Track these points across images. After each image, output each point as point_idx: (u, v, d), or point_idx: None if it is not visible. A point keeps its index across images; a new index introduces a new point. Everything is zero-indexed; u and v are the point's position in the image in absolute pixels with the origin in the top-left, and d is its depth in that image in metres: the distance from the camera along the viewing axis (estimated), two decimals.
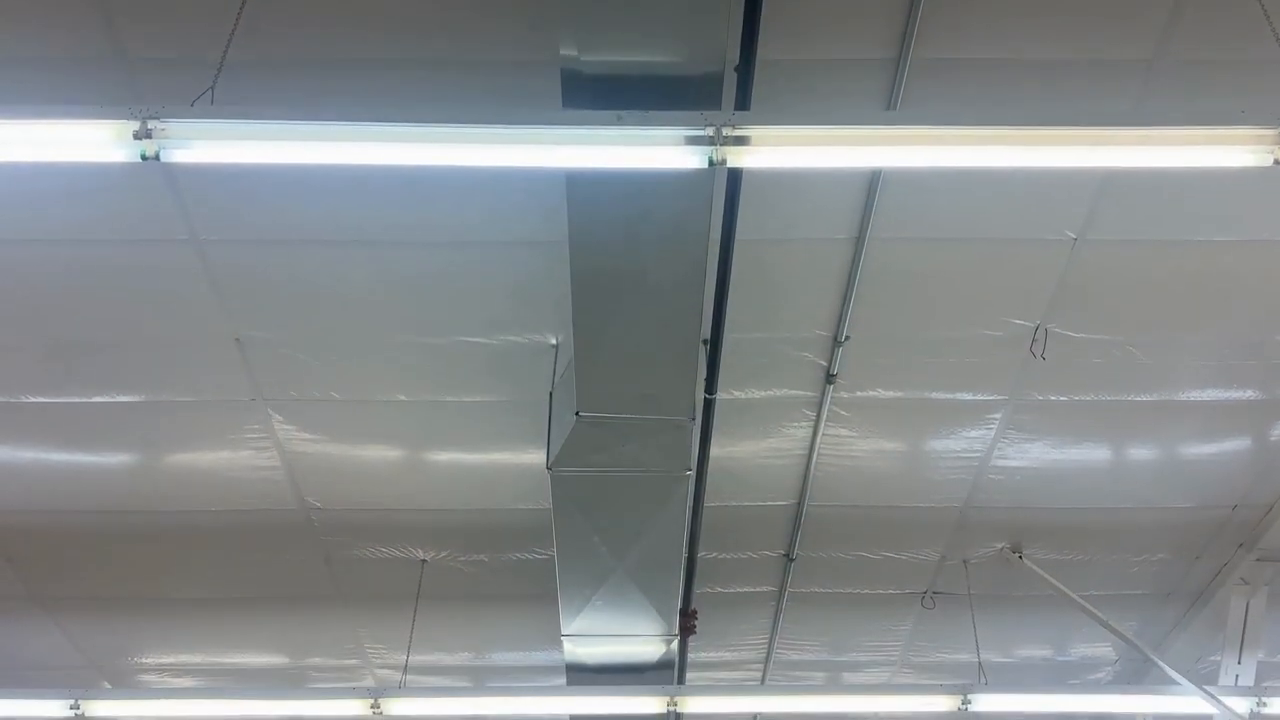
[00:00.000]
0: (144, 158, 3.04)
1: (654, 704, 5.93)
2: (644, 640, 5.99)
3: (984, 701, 5.81)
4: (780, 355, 5.12)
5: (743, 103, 3.50)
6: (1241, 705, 5.69)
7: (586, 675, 6.23)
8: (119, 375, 5.13)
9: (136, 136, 3.01)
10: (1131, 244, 4.59)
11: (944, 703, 5.81)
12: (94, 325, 4.87)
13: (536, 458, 5.63)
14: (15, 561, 6.34)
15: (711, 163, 3.18)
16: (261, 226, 4.46)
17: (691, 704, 5.99)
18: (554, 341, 5.01)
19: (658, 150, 3.22)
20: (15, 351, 4.99)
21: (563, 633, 5.86)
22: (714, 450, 5.52)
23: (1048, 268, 4.68)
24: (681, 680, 6.76)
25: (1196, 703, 5.80)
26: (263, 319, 4.87)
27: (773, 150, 3.22)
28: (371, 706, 5.78)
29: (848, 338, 4.97)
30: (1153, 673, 7.32)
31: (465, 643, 7.23)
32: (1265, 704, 5.61)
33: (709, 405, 4.89)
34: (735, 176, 3.85)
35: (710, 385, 4.78)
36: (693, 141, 3.16)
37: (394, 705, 5.83)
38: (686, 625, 6.35)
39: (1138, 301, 4.84)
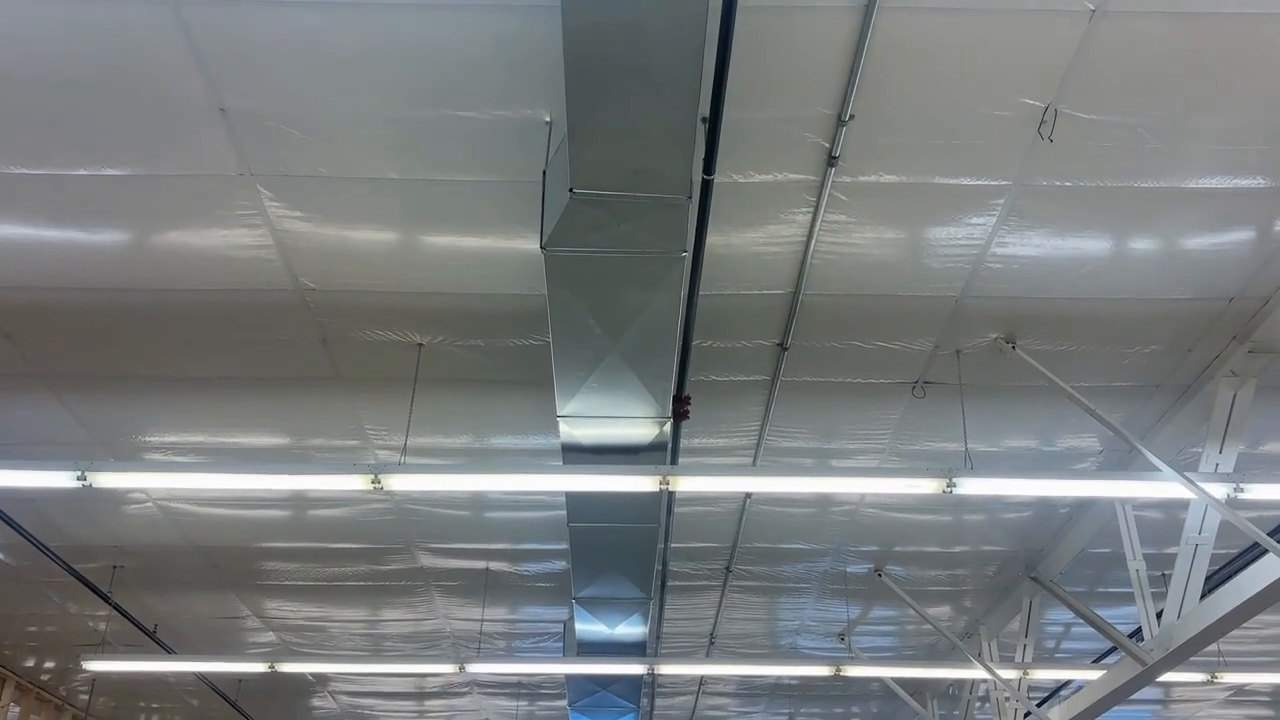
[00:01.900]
0: None
1: (647, 483, 6.07)
2: (638, 422, 6.09)
3: (969, 485, 5.93)
4: (781, 136, 4.97)
5: None
6: (1219, 491, 5.82)
7: (582, 456, 6.37)
8: (103, 147, 5.00)
9: None
10: (1154, 16, 4.37)
11: (929, 485, 5.94)
12: (72, 94, 4.71)
13: (532, 243, 5.58)
14: (15, 339, 6.37)
15: None
16: None
17: (684, 483, 6.12)
18: (547, 119, 4.86)
19: None
20: None
21: (558, 414, 5.96)
22: (711, 237, 5.47)
23: (1063, 42, 4.48)
24: (674, 462, 6.93)
25: (1176, 488, 5.94)
26: (247, 88, 4.70)
27: None
28: (372, 482, 5.93)
29: (852, 117, 4.81)
30: (1135, 464, 7.52)
31: (463, 426, 7.36)
32: (1243, 489, 5.74)
33: (706, 187, 4.79)
34: None
35: (709, 165, 4.66)
36: None
37: (394, 480, 5.97)
38: (680, 411, 6.45)
39: (1153, 81, 4.66)
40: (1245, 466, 6.85)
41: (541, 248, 4.73)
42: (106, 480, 5.80)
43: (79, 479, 5.70)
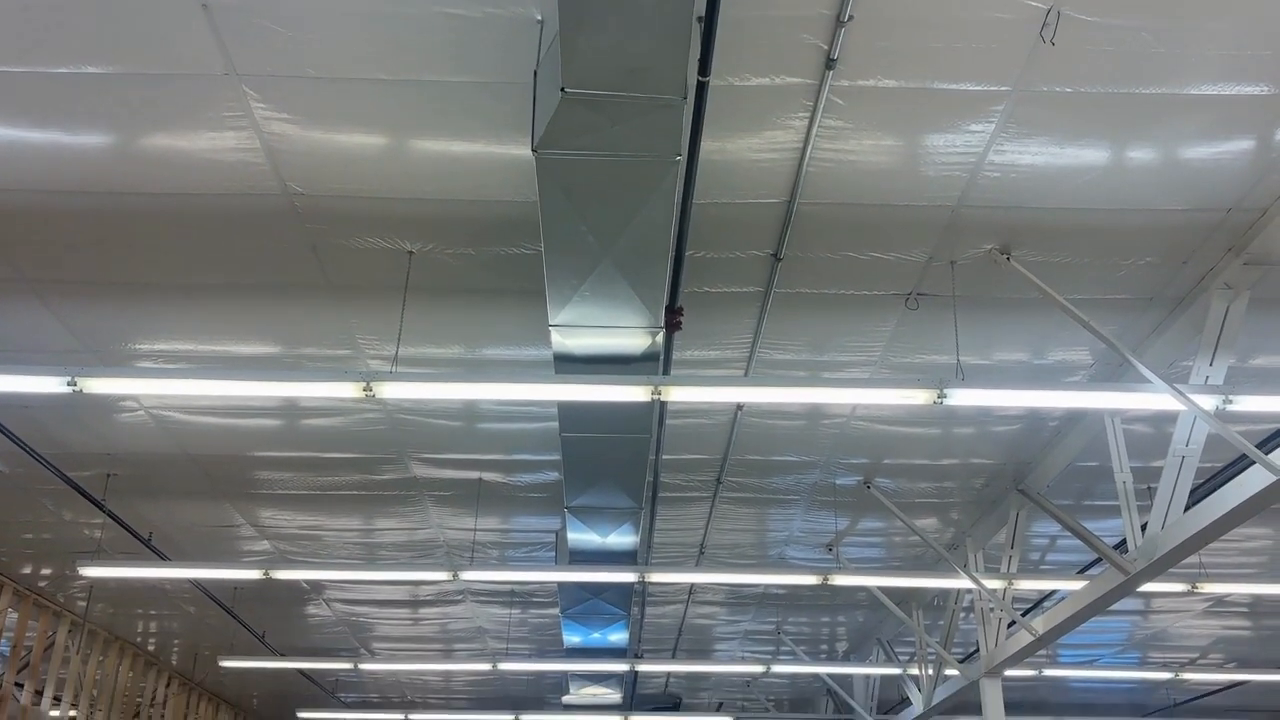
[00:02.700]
0: None
1: (639, 393, 6.07)
2: (630, 333, 6.08)
3: (959, 396, 5.95)
4: (779, 37, 4.86)
5: None
6: (1208, 403, 5.85)
7: (574, 366, 6.37)
8: (82, 44, 4.87)
9: None
10: None
11: (920, 396, 5.96)
12: None
13: (524, 148, 5.50)
14: (1, 244, 6.30)
15: None
16: None
17: (675, 393, 6.13)
18: (538, 18, 4.74)
19: None
20: None
21: (550, 323, 5.93)
22: (706, 143, 5.40)
23: None
24: (666, 374, 6.93)
25: (1165, 400, 5.96)
26: None
27: None
28: (364, 389, 5.92)
29: (851, 17, 4.70)
30: (1126, 377, 7.55)
31: (455, 336, 7.34)
32: (1231, 401, 5.78)
33: (701, 89, 4.70)
34: None
35: (704, 66, 4.56)
36: None
37: (386, 388, 5.96)
38: (672, 322, 6.44)
39: None
40: (1235, 380, 6.87)
41: (533, 150, 4.66)
42: (97, 386, 5.78)
43: (69, 384, 5.69)
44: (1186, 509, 6.80)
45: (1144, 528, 7.35)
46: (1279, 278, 6.39)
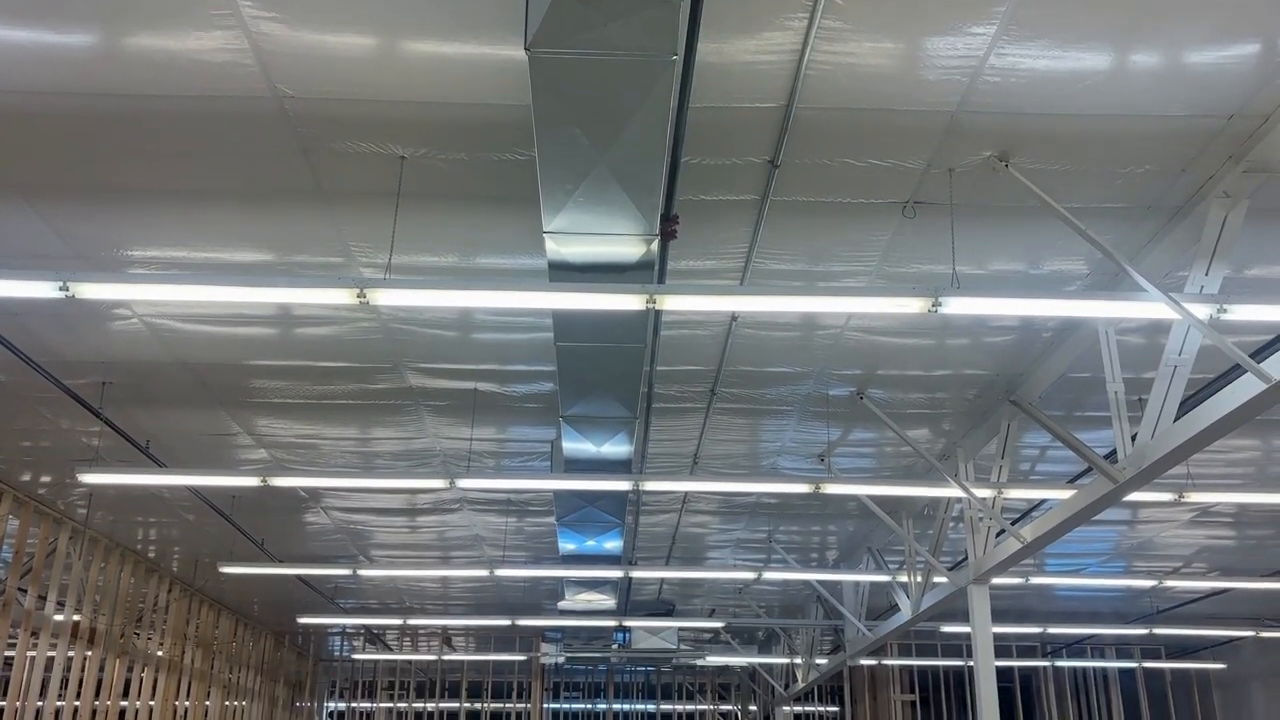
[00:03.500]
0: None
1: (634, 301, 6.06)
2: (625, 240, 6.04)
3: (954, 304, 5.95)
4: None
5: None
6: (1203, 311, 5.86)
7: (569, 274, 6.35)
8: None
9: None
10: None
11: (915, 304, 5.95)
12: None
13: (517, 49, 5.40)
14: None
15: None
16: None
17: (670, 302, 6.11)
18: None
19: None
20: None
21: (544, 229, 5.90)
22: (702, 44, 5.31)
23: None
24: (661, 283, 6.91)
25: (1160, 309, 5.97)
26: None
27: None
28: (358, 295, 5.90)
29: None
30: (1121, 287, 7.54)
31: (449, 245, 7.30)
32: (1226, 310, 5.78)
33: None
34: None
35: None
36: None
37: (380, 295, 5.94)
38: (668, 230, 6.39)
39: None
40: (1230, 289, 6.87)
41: (526, 49, 4.57)
42: (89, 291, 5.74)
43: (61, 289, 5.65)
44: (1177, 419, 6.85)
45: (1134, 438, 7.43)
46: (1279, 186, 6.35)
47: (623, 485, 9.59)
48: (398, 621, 19.44)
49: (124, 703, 15.52)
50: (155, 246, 7.29)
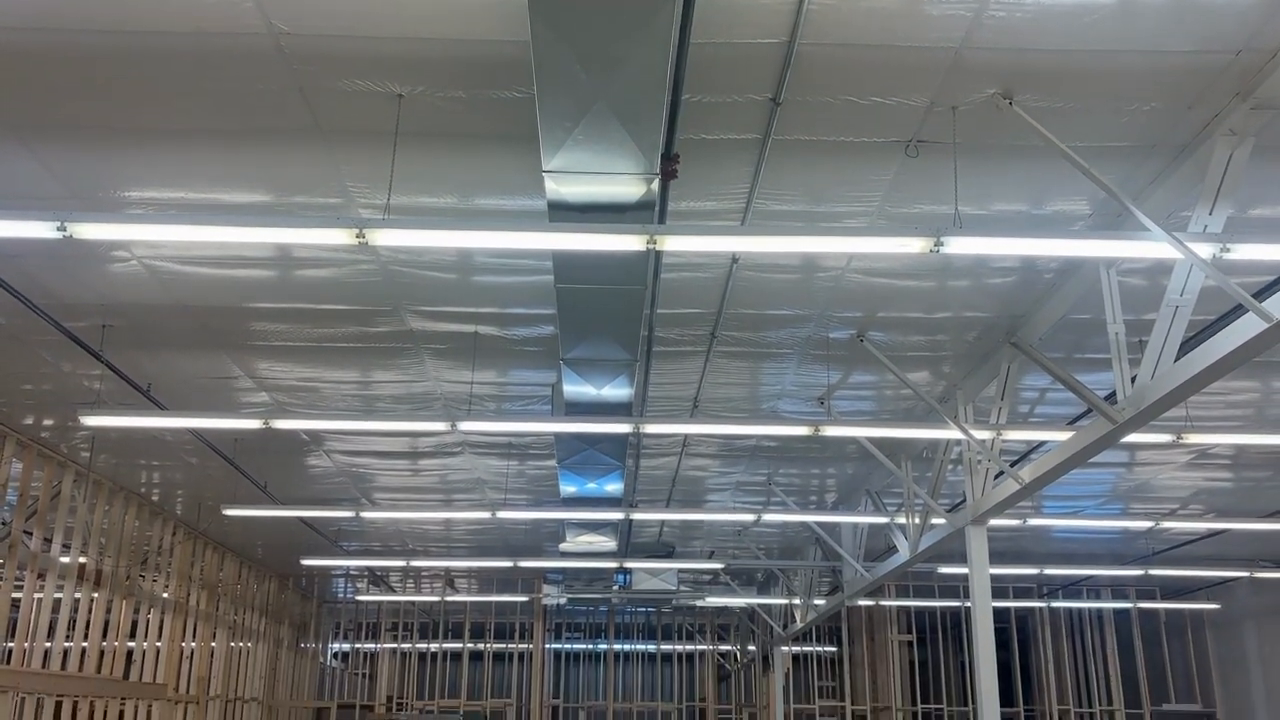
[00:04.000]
0: None
1: (634, 242, 6.03)
2: (625, 179, 6.00)
3: (956, 244, 5.92)
4: None
5: None
6: (1205, 250, 5.83)
7: (569, 214, 6.31)
8: None
9: None
10: None
11: (917, 244, 5.92)
12: None
13: None
14: None
15: None
16: None
17: (671, 242, 6.08)
18: None
19: None
20: None
21: (544, 168, 5.85)
22: None
23: None
24: (662, 223, 6.87)
25: (1163, 248, 5.94)
26: None
27: None
28: (356, 236, 5.87)
29: None
30: (1124, 227, 7.51)
31: (448, 186, 7.25)
32: (1229, 249, 5.76)
33: None
34: None
35: None
36: None
37: (379, 236, 5.91)
38: (668, 169, 6.34)
39: None
40: (1234, 229, 6.83)
41: None
42: (88, 231, 5.72)
43: (59, 229, 5.63)
44: (1177, 359, 6.85)
45: (1134, 380, 7.43)
46: None
47: (623, 428, 9.63)
48: (401, 563, 19.63)
49: (131, 644, 15.73)
50: (152, 187, 7.24)
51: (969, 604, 10.55)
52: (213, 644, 18.87)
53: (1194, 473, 14.32)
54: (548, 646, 24.69)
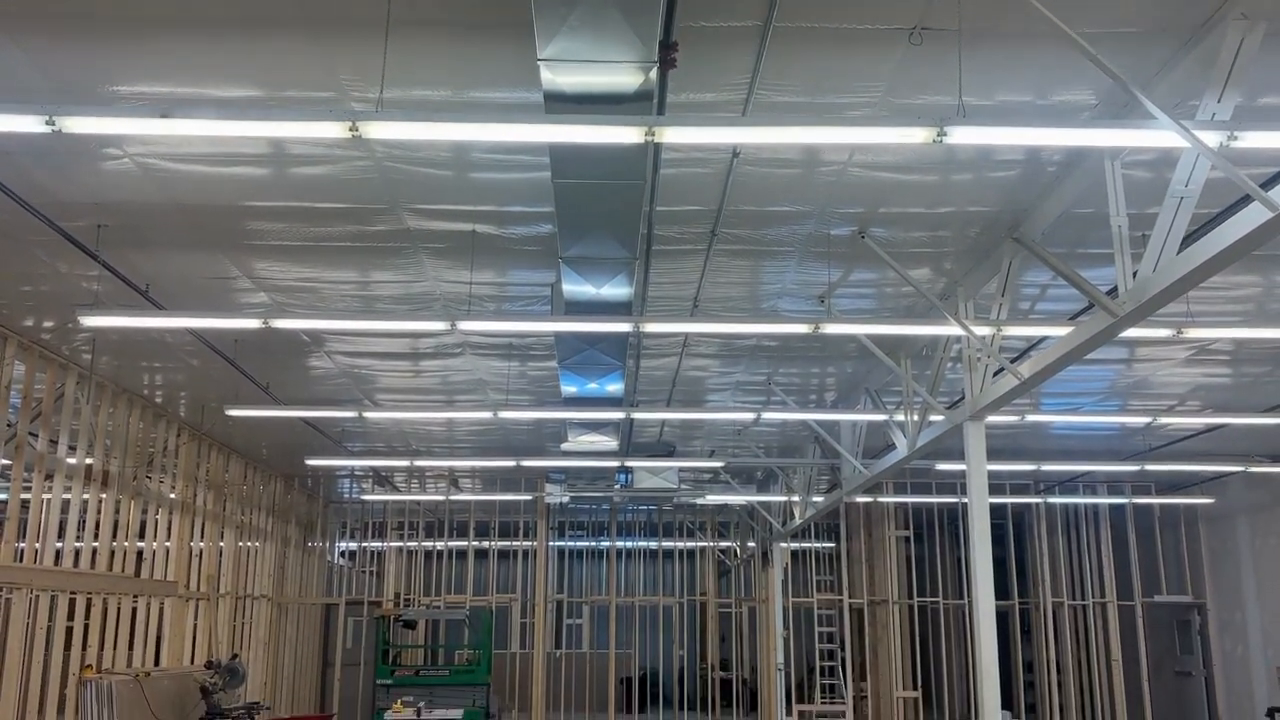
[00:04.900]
0: None
1: (632, 133, 5.93)
2: (623, 68, 5.88)
3: (959, 134, 5.83)
4: None
5: None
6: (1213, 139, 5.74)
7: (565, 105, 6.20)
8: None
9: None
10: None
11: (920, 134, 5.83)
12: None
13: None
14: None
15: None
16: None
17: (670, 134, 5.98)
18: None
19: None
20: None
21: (539, 57, 5.73)
22: None
23: None
24: (661, 114, 6.75)
25: (1169, 137, 5.85)
26: None
27: None
28: (350, 129, 5.77)
29: None
30: (1130, 118, 7.38)
31: (442, 79, 7.11)
32: (1236, 138, 5.67)
33: None
34: None
35: None
36: None
37: (372, 128, 5.81)
38: (667, 59, 6.20)
39: None
40: (1242, 118, 6.72)
41: None
42: (77, 125, 5.62)
43: (48, 123, 5.54)
44: (1180, 251, 6.81)
45: (1135, 275, 7.40)
46: None
47: (623, 327, 9.62)
48: (405, 463, 19.85)
49: (140, 544, 16.00)
50: (141, 82, 7.10)
51: (966, 500, 10.68)
52: (221, 543, 19.20)
53: (1193, 369, 14.37)
54: (551, 544, 25.12)
